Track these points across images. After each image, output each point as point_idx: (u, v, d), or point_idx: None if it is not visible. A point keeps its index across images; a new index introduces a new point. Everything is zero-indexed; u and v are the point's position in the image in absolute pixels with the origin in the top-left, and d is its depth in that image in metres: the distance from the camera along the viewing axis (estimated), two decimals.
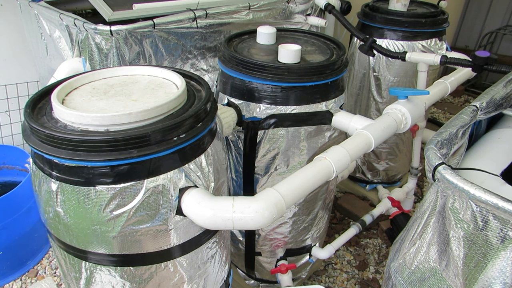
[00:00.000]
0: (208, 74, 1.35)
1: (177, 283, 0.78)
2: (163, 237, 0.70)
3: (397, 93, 0.99)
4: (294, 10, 1.53)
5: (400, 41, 1.56)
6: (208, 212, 0.65)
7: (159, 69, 0.79)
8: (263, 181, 1.10)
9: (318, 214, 1.25)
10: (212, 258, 0.83)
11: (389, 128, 0.92)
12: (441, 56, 1.18)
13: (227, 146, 1.11)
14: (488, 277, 0.59)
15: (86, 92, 0.72)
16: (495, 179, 0.76)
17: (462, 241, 0.62)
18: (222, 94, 1.05)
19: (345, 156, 0.79)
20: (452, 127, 0.76)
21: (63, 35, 1.21)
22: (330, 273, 1.63)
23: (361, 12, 1.68)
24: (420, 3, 1.75)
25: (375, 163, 1.88)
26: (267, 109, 0.98)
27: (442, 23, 1.57)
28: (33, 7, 1.31)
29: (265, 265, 1.32)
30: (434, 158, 0.66)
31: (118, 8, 1.19)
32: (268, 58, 1.00)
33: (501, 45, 3.33)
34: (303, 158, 1.07)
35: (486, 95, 0.88)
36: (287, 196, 0.68)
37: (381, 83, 1.64)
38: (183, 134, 0.64)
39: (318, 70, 0.95)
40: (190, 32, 1.23)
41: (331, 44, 1.13)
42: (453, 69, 1.29)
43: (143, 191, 0.63)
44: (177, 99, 0.67)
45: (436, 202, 0.67)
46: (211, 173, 0.73)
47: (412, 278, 0.73)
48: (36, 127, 0.61)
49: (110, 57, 1.09)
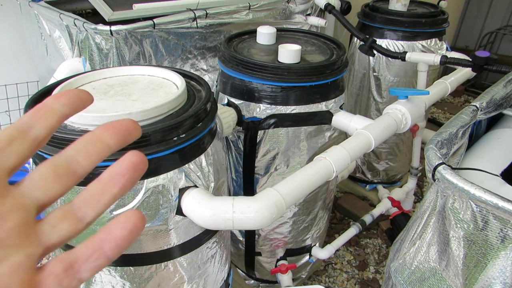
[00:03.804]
0: (208, 74, 1.35)
1: (177, 283, 0.78)
2: (163, 237, 0.70)
3: (397, 93, 0.99)
4: (294, 10, 1.53)
5: (400, 41, 1.56)
6: (208, 212, 0.65)
7: (159, 69, 0.79)
8: (263, 181, 1.10)
9: (318, 214, 1.25)
10: (212, 258, 0.83)
11: (389, 128, 0.92)
12: (441, 56, 1.18)
13: (227, 146, 1.11)
14: (488, 277, 0.59)
15: None
16: (495, 179, 0.76)
17: (462, 241, 0.62)
18: (222, 94, 1.05)
19: (345, 156, 0.79)
20: (452, 127, 0.76)
21: (63, 35, 1.21)
22: (330, 273, 1.63)
23: (361, 12, 1.68)
24: (420, 3, 1.75)
25: (375, 163, 1.88)
26: (267, 109, 0.98)
27: (442, 23, 1.57)
28: (33, 7, 1.31)
29: (265, 265, 1.32)
30: (434, 158, 0.66)
31: (118, 8, 1.19)
32: (268, 58, 1.00)
33: (501, 45, 3.33)
34: (303, 158, 1.07)
35: (486, 95, 0.88)
36: (287, 196, 0.68)
37: (381, 83, 1.64)
38: (183, 134, 0.64)
39: (318, 70, 0.95)
40: (190, 32, 1.23)
41: (331, 44, 1.13)
42: (453, 69, 1.29)
43: (143, 191, 0.63)
44: (177, 99, 0.67)
45: (436, 202, 0.67)
46: (211, 173, 0.73)
47: (412, 278, 0.73)
48: None
49: (110, 57, 1.09)
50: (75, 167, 0.23)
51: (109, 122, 0.24)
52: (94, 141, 0.24)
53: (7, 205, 0.21)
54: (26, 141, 0.23)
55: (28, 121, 0.23)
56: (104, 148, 0.24)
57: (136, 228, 0.23)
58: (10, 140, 0.22)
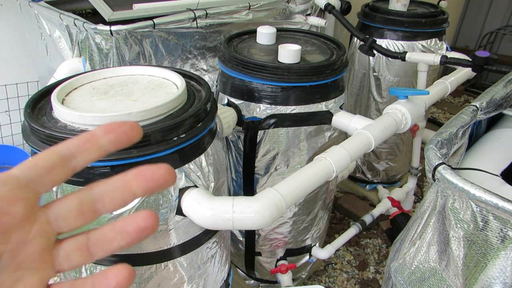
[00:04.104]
0: (208, 74, 1.35)
1: (177, 283, 0.78)
2: (163, 237, 0.70)
3: (397, 93, 0.99)
4: (294, 10, 1.53)
5: (400, 41, 1.56)
6: (208, 212, 0.65)
7: (159, 69, 0.79)
8: (263, 181, 1.10)
9: (318, 214, 1.25)
10: (212, 258, 0.83)
11: (389, 128, 0.92)
12: (441, 56, 1.18)
13: (227, 146, 1.11)
14: (488, 277, 0.59)
15: (86, 92, 0.72)
16: (495, 179, 0.76)
17: (462, 241, 0.62)
18: (222, 94, 1.05)
19: (345, 156, 0.79)
20: (452, 127, 0.76)
21: (63, 35, 1.21)
22: (330, 273, 1.63)
23: (361, 12, 1.68)
24: (420, 3, 1.75)
25: (375, 163, 1.88)
26: (267, 109, 0.98)
27: (442, 23, 1.57)
28: (33, 7, 1.31)
29: (265, 265, 1.32)
30: (434, 158, 0.66)
31: (118, 8, 1.19)
32: (268, 58, 1.00)
33: (501, 45, 3.33)
34: (303, 158, 1.07)
35: (486, 95, 0.88)
36: (287, 196, 0.68)
37: (381, 83, 1.64)
38: (183, 134, 0.64)
39: (318, 70, 0.95)
40: (190, 32, 1.23)
41: (331, 44, 1.13)
42: (453, 69, 1.29)
43: None
44: (177, 99, 0.67)
45: (436, 202, 0.67)
46: (211, 173, 0.73)
47: (412, 278, 0.73)
48: (36, 127, 0.61)
49: (110, 57, 1.09)
50: (99, 207, 0.25)
51: (142, 168, 0.25)
52: (122, 188, 0.25)
53: (34, 231, 0.23)
54: (66, 171, 0.24)
55: (72, 150, 0.24)
56: (130, 197, 0.25)
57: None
58: (51, 168, 0.23)
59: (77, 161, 0.24)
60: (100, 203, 0.25)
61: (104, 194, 0.25)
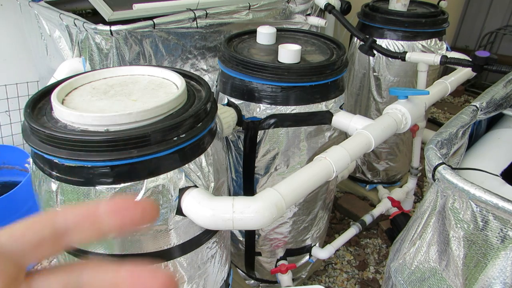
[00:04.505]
0: (208, 74, 1.35)
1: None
2: (163, 237, 0.70)
3: (397, 93, 0.99)
4: (294, 10, 1.53)
5: (400, 41, 1.56)
6: (208, 212, 0.65)
7: (159, 69, 0.79)
8: (263, 181, 1.10)
9: (318, 214, 1.25)
10: (212, 258, 0.83)
11: (389, 128, 0.92)
12: (441, 56, 1.18)
13: (227, 146, 1.11)
14: (488, 277, 0.59)
15: (86, 92, 0.72)
16: (495, 179, 0.76)
17: (462, 241, 0.62)
18: (222, 94, 1.05)
19: (345, 156, 0.79)
20: (452, 127, 0.76)
21: (63, 35, 1.21)
22: (330, 273, 1.63)
23: (361, 12, 1.68)
24: (420, 3, 1.75)
25: (375, 163, 1.88)
26: (267, 109, 0.98)
27: (442, 23, 1.57)
28: (33, 7, 1.31)
29: (265, 265, 1.32)
30: (434, 158, 0.66)
31: (118, 8, 1.19)
32: (268, 58, 1.00)
33: (501, 45, 3.33)
34: (303, 158, 1.07)
35: (486, 95, 0.88)
36: (287, 196, 0.68)
37: (381, 83, 1.64)
38: (183, 134, 0.64)
39: (318, 70, 0.95)
40: (190, 32, 1.23)
41: (331, 44, 1.13)
42: (453, 69, 1.29)
43: (143, 191, 0.63)
44: (177, 99, 0.67)
45: (436, 202, 0.67)
46: (211, 173, 0.73)
47: (412, 278, 0.73)
48: (36, 127, 0.60)
49: (110, 57, 1.09)
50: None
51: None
52: (110, 286, 0.22)
53: None
54: (56, 247, 0.22)
55: (69, 225, 0.22)
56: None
57: None
58: (40, 243, 0.21)
59: (71, 239, 0.22)
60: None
61: (91, 284, 0.22)
